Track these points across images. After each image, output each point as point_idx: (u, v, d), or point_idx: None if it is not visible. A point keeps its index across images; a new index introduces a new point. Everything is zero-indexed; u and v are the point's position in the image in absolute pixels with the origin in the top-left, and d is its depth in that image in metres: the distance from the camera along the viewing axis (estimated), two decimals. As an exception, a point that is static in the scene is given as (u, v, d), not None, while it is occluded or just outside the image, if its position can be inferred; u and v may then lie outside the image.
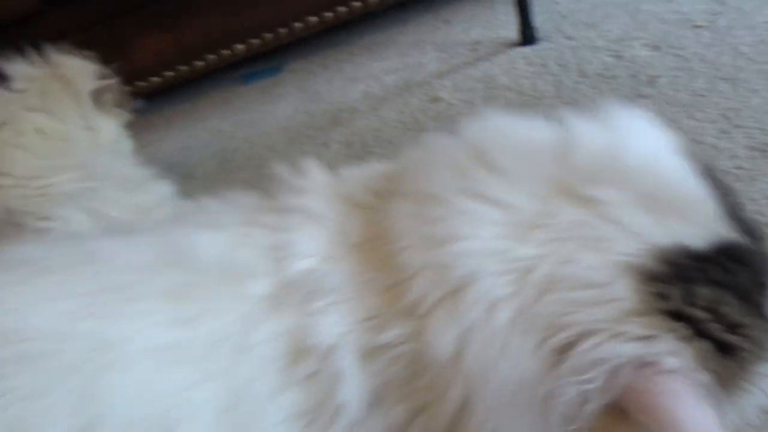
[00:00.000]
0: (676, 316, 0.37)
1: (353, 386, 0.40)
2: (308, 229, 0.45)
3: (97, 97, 1.12)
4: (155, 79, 1.66)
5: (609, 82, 1.14)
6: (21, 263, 0.44)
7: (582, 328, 0.36)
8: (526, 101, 1.19)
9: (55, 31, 1.55)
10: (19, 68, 1.07)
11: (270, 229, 0.46)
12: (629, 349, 0.35)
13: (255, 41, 1.66)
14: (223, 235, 0.45)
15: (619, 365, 0.35)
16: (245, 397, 0.40)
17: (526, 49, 1.37)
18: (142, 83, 1.66)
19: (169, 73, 1.67)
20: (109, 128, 1.12)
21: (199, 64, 1.67)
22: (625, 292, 0.37)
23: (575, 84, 1.18)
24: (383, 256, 0.43)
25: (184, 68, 1.67)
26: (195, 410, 0.39)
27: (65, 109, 1.05)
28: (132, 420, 0.38)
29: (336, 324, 0.41)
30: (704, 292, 0.37)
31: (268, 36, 1.66)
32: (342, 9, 1.64)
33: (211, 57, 1.66)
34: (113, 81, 1.17)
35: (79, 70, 1.11)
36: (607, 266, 0.38)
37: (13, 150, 0.96)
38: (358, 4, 1.64)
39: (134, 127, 1.26)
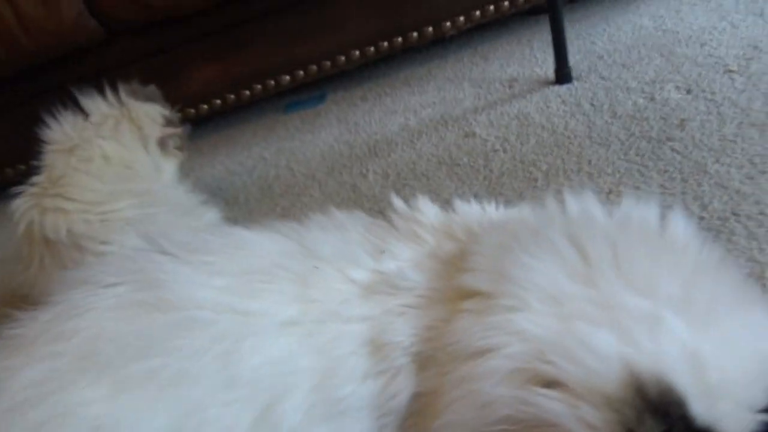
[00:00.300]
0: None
1: (407, 386, 0.46)
2: (408, 243, 0.55)
3: (162, 142, 1.21)
4: (204, 106, 1.75)
5: (640, 123, 1.17)
6: (184, 245, 0.54)
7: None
8: (558, 140, 1.22)
9: (117, 60, 1.66)
10: (95, 104, 1.17)
11: (379, 238, 0.55)
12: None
13: (299, 72, 1.74)
14: (342, 236, 0.56)
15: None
16: (336, 374, 0.47)
17: (561, 88, 1.40)
18: (191, 110, 1.75)
19: (217, 101, 1.76)
20: (171, 169, 1.21)
21: (246, 93, 1.75)
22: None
23: (607, 124, 1.21)
24: (456, 270, 0.50)
25: (231, 97, 1.75)
26: (298, 378, 0.46)
27: (133, 141, 1.14)
28: (257, 380, 0.45)
29: (407, 325, 0.48)
30: None
31: (312, 68, 1.73)
32: (383, 44, 1.71)
33: (257, 87, 1.75)
34: (178, 130, 1.26)
35: (149, 115, 1.20)
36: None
37: (80, 176, 1.04)
38: (399, 39, 1.71)
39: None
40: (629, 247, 0.45)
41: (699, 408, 0.37)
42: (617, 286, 0.42)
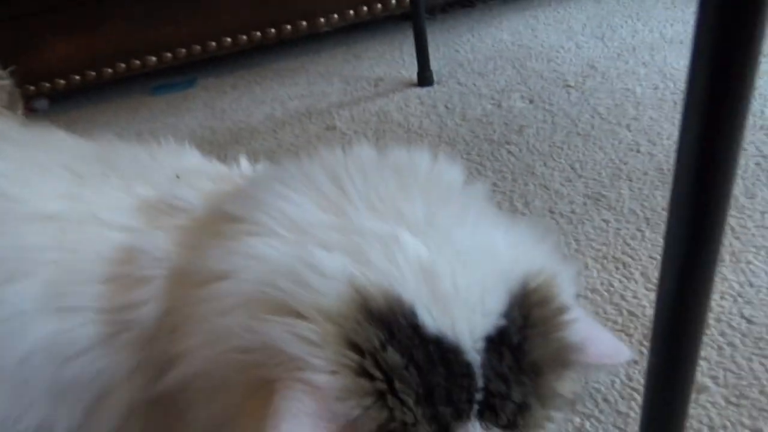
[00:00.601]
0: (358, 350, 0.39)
1: (152, 298, 0.45)
2: (209, 181, 0.56)
3: None
4: (61, 81, 1.66)
5: (485, 127, 1.25)
6: None
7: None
8: (411, 137, 1.28)
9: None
10: None
11: (183, 170, 0.56)
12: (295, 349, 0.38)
13: (167, 55, 1.69)
14: (150, 160, 0.56)
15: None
16: (76, 272, 0.46)
17: (422, 90, 1.47)
18: (46, 84, 1.65)
19: (76, 77, 1.67)
20: None
21: (108, 71, 1.68)
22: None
23: (456, 126, 1.28)
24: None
25: (91, 73, 1.68)
26: (38, 268, 0.46)
27: None
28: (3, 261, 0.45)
29: (168, 241, 0.48)
30: (395, 359, 0.38)
31: (182, 51, 1.70)
32: (257, 34, 1.71)
33: (122, 65, 1.68)
34: (5, 83, 1.18)
35: None
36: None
37: None
38: (272, 31, 1.71)
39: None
40: (383, 180, 0.47)
41: (429, 317, 0.39)
42: (363, 213, 0.44)
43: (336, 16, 1.71)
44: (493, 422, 0.40)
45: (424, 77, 1.49)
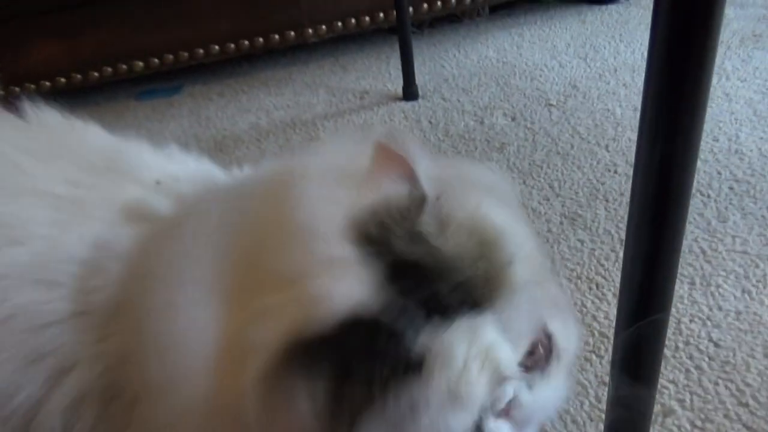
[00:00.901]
0: None
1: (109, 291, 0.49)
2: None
3: None
4: (46, 83, 1.66)
5: (467, 143, 1.26)
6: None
7: None
8: (393, 151, 1.28)
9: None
10: None
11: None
12: None
13: (154, 60, 1.69)
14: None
15: None
16: (56, 247, 0.50)
17: (407, 104, 1.48)
18: (31, 85, 1.64)
19: (60, 79, 1.67)
20: None
21: (94, 74, 1.68)
22: None
23: (439, 141, 1.29)
24: None
25: (77, 76, 1.67)
26: (29, 238, 0.50)
27: None
28: None
29: (129, 240, 0.51)
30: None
31: (169, 57, 1.70)
32: (244, 43, 1.71)
33: (108, 69, 1.68)
34: None
35: None
36: None
37: None
38: (260, 40, 1.72)
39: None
40: None
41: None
42: None
43: (324, 27, 1.72)
44: (441, 312, 0.38)
45: (409, 91, 1.50)
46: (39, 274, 0.48)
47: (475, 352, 0.38)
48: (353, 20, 1.72)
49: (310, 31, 1.72)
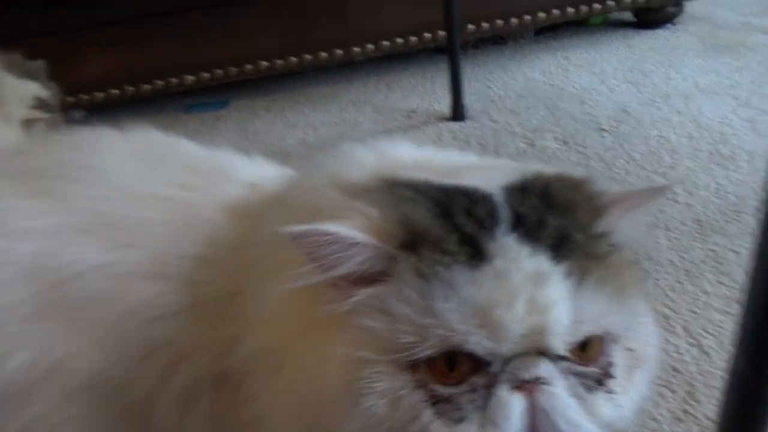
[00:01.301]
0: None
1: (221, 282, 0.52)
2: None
3: (27, 125, 1.13)
4: (100, 94, 1.69)
5: (519, 166, 1.26)
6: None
7: None
8: (445, 172, 1.29)
9: (10, 31, 1.58)
10: None
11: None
12: None
13: (204, 74, 1.72)
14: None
15: None
16: (171, 245, 0.55)
17: (455, 125, 1.49)
18: (85, 96, 1.68)
19: (114, 91, 1.70)
20: None
21: (146, 87, 1.71)
22: None
23: (490, 163, 1.29)
24: None
25: (130, 88, 1.71)
26: (146, 238, 0.54)
27: None
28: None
29: (237, 235, 0.54)
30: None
31: (218, 72, 1.73)
32: (292, 59, 1.74)
33: (159, 82, 1.71)
34: (47, 116, 1.19)
35: (18, 93, 1.12)
36: None
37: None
38: (308, 57, 1.74)
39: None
40: None
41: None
42: None
43: (371, 46, 1.74)
44: (535, 239, 0.39)
45: (458, 112, 1.50)
46: (155, 270, 0.52)
47: (532, 289, 0.37)
48: (400, 40, 1.73)
49: (357, 49, 1.74)
